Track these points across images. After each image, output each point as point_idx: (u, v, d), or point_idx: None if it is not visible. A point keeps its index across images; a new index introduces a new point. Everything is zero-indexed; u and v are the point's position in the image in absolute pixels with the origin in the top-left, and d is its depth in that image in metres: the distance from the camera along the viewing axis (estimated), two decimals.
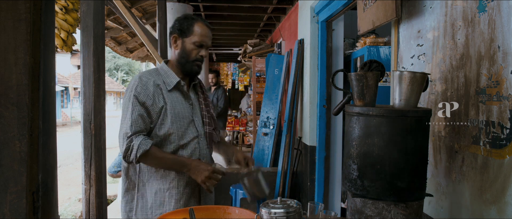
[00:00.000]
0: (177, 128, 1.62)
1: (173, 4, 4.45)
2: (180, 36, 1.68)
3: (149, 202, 1.62)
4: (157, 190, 1.62)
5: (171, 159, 1.58)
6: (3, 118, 0.64)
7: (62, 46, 2.68)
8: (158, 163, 1.58)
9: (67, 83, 21.04)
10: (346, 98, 1.40)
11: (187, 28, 1.65)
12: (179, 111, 1.64)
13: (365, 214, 1.20)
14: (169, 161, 1.58)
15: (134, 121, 1.54)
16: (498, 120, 1.20)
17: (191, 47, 1.66)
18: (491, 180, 1.23)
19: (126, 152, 1.52)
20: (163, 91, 1.62)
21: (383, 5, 1.82)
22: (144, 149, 1.50)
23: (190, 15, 1.71)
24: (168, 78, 1.66)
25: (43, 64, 0.68)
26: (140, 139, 1.51)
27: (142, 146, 1.50)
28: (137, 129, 1.53)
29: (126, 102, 1.59)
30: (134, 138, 1.51)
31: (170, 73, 1.68)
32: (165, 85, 1.64)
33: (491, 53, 1.24)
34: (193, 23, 1.66)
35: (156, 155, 1.54)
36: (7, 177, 0.63)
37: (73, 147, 10.52)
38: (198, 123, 1.71)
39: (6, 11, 0.63)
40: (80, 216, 4.79)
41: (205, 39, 1.67)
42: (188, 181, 1.65)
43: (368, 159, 1.18)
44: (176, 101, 1.65)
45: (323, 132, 3.37)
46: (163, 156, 1.56)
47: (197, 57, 1.68)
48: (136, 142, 1.50)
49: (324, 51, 3.36)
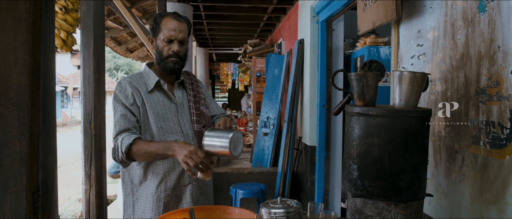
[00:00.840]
0: (158, 129, 1.59)
1: (173, 4, 4.45)
2: (153, 36, 1.66)
3: (142, 207, 1.62)
4: (147, 195, 1.61)
5: (156, 145, 1.50)
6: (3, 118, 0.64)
7: (62, 46, 2.68)
8: (145, 153, 1.50)
9: (67, 83, 21.03)
10: (346, 98, 1.40)
11: (156, 27, 1.63)
12: (160, 111, 1.61)
13: (365, 214, 1.20)
14: (154, 148, 1.49)
15: (117, 122, 1.55)
16: (498, 120, 1.20)
17: (161, 44, 1.62)
18: (491, 180, 1.23)
19: (114, 153, 1.52)
20: (142, 93, 1.60)
21: (383, 5, 1.82)
22: (127, 143, 1.48)
23: (160, 13, 1.67)
24: (148, 79, 1.65)
25: (43, 64, 0.68)
26: (123, 136, 1.50)
27: (125, 141, 1.48)
28: (120, 128, 1.53)
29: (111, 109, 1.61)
30: (119, 137, 1.51)
31: (151, 74, 1.66)
32: (146, 86, 1.63)
33: (491, 53, 1.24)
34: (161, 19, 1.62)
35: (141, 146, 1.49)
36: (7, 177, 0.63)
37: (73, 147, 10.52)
38: (184, 122, 1.67)
39: (6, 11, 0.63)
40: (80, 216, 4.79)
41: (173, 33, 1.60)
42: (176, 184, 1.62)
43: (368, 159, 1.18)
44: (157, 102, 1.62)
45: (323, 132, 3.37)
46: (148, 145, 1.50)
47: (169, 53, 1.61)
48: (120, 140, 1.50)
49: (324, 51, 3.36)
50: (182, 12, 4.47)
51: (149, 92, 1.62)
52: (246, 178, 3.87)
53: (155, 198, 1.60)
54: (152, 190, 1.60)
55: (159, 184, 1.60)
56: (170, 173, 1.62)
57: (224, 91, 18.24)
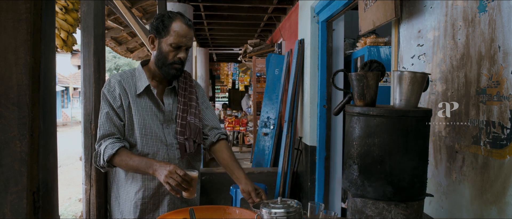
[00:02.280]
0: (141, 136, 1.52)
1: (173, 4, 4.45)
2: (156, 36, 1.52)
3: (121, 207, 1.60)
4: (126, 198, 1.58)
5: (138, 161, 1.45)
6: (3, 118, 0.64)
7: (62, 46, 2.68)
8: (126, 166, 1.47)
9: (68, 83, 21.04)
10: (347, 98, 1.39)
11: (163, 28, 1.49)
12: (145, 118, 1.54)
13: (365, 214, 1.20)
14: (136, 163, 1.44)
15: (102, 125, 1.49)
16: (499, 120, 1.20)
17: (167, 49, 1.50)
18: (492, 180, 1.23)
19: (95, 158, 1.48)
20: (130, 95, 1.53)
21: (383, 5, 1.82)
22: (109, 153, 1.43)
23: (168, 13, 1.53)
24: (139, 81, 1.55)
25: (44, 64, 0.68)
26: (107, 143, 1.45)
27: (108, 150, 1.44)
28: (105, 132, 1.49)
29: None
30: (103, 142, 1.47)
31: (142, 75, 1.56)
32: (135, 88, 1.55)
33: (491, 53, 1.24)
34: (171, 22, 1.49)
35: (123, 158, 1.45)
36: (7, 177, 0.63)
37: (74, 147, 10.53)
38: (169, 131, 1.59)
39: (7, 11, 0.63)
40: (80, 216, 4.79)
41: (183, 39, 1.50)
42: (155, 193, 1.57)
43: (369, 159, 1.18)
44: (143, 108, 1.54)
45: (324, 132, 3.37)
46: (130, 158, 1.45)
47: (174, 60, 1.51)
48: (103, 147, 1.45)
49: (324, 51, 3.36)
50: (182, 12, 4.46)
51: (137, 96, 1.54)
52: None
53: (132, 203, 1.56)
54: (131, 195, 1.56)
55: (137, 191, 1.56)
56: (149, 183, 1.56)
57: (224, 91, 18.24)
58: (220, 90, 18.25)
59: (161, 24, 1.50)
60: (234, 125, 8.25)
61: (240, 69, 10.83)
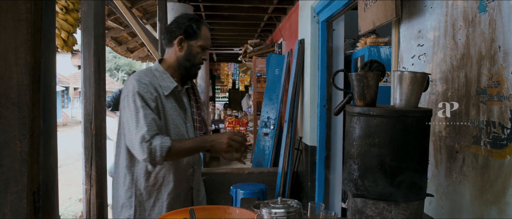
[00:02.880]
0: (174, 135, 1.58)
1: (173, 4, 4.45)
2: (186, 38, 1.62)
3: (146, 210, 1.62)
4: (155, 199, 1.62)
5: (191, 143, 1.56)
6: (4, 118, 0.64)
7: (63, 46, 2.68)
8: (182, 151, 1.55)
9: (68, 83, 21.04)
10: (347, 98, 1.39)
11: (194, 31, 1.61)
12: (174, 118, 1.60)
13: (365, 214, 1.19)
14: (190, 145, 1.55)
15: (150, 124, 1.50)
16: (499, 120, 1.20)
17: (197, 51, 1.63)
18: (492, 180, 1.23)
19: (151, 155, 1.48)
20: (160, 96, 1.57)
21: (383, 5, 1.82)
22: (167, 146, 1.48)
23: (194, 17, 1.66)
24: (164, 81, 1.60)
25: (44, 64, 0.68)
26: (160, 139, 1.49)
27: (165, 144, 1.48)
28: (153, 132, 1.50)
29: (130, 106, 1.52)
30: (153, 141, 1.48)
31: (166, 76, 1.61)
32: (161, 89, 1.58)
33: (491, 53, 1.24)
34: (200, 26, 1.63)
35: (177, 147, 1.52)
36: (8, 177, 0.63)
37: (74, 147, 10.52)
38: (190, 129, 1.68)
39: (7, 11, 0.63)
40: (80, 216, 4.79)
41: (208, 42, 1.66)
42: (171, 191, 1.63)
43: (369, 159, 1.18)
44: (171, 108, 1.60)
45: (324, 132, 3.37)
46: (183, 145, 1.55)
47: (199, 60, 1.66)
48: (158, 143, 1.48)
49: (324, 51, 3.36)
50: (182, 12, 4.47)
51: (166, 96, 1.59)
52: (246, 178, 3.86)
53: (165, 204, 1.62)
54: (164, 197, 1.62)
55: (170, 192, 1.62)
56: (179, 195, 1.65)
57: (224, 91, 18.23)
58: (220, 90, 18.24)
59: (192, 27, 1.61)
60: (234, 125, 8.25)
61: (240, 69, 10.83)
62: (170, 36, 1.64)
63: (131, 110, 1.51)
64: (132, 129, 1.50)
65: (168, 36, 1.64)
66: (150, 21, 5.49)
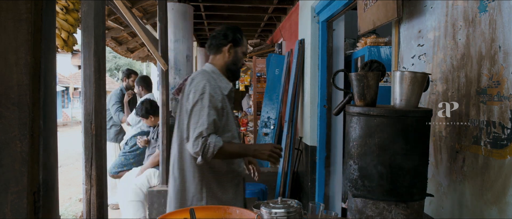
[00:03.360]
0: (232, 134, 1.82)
1: (173, 4, 4.45)
2: (234, 46, 1.88)
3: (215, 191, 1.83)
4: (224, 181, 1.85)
5: (238, 147, 1.82)
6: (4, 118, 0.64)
7: (63, 46, 2.68)
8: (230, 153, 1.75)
9: (68, 83, 21.04)
10: (347, 98, 1.39)
11: (240, 39, 1.89)
12: (230, 115, 1.82)
13: (365, 214, 1.19)
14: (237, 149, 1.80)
15: (210, 124, 1.68)
16: (499, 120, 1.20)
17: (241, 56, 1.91)
18: (492, 180, 1.23)
19: (204, 150, 1.66)
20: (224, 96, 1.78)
21: (384, 5, 1.82)
22: (219, 146, 1.67)
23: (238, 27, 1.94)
24: (221, 82, 1.82)
25: (44, 64, 0.68)
26: (215, 138, 1.67)
27: (218, 143, 1.67)
28: (211, 131, 1.68)
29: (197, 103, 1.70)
30: (209, 138, 1.66)
31: (222, 78, 1.85)
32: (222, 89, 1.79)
33: (492, 53, 1.24)
34: (243, 35, 1.92)
35: (227, 148, 1.72)
36: (8, 177, 0.63)
37: (74, 147, 10.52)
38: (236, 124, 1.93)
39: (7, 11, 0.63)
40: (80, 216, 4.79)
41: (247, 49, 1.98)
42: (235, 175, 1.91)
43: (369, 159, 1.18)
44: (229, 107, 1.83)
45: (324, 132, 3.37)
46: (232, 148, 1.77)
47: (241, 64, 1.93)
48: (212, 141, 1.66)
49: (324, 51, 3.36)
50: (183, 12, 4.47)
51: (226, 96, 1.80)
52: (246, 178, 3.85)
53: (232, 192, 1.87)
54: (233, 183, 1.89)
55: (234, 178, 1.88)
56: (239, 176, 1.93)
57: None
58: None
59: (238, 36, 1.90)
60: None
61: None
62: (220, 44, 1.88)
63: (197, 106, 1.70)
64: (193, 123, 1.68)
65: (217, 44, 1.89)
66: (150, 21, 5.49)
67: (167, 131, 3.39)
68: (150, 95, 4.31)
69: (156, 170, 3.50)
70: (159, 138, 3.41)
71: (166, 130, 3.38)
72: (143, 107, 3.64)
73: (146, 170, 3.51)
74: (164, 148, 3.36)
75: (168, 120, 3.45)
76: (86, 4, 1.93)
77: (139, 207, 3.39)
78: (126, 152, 3.98)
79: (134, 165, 3.88)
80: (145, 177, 3.45)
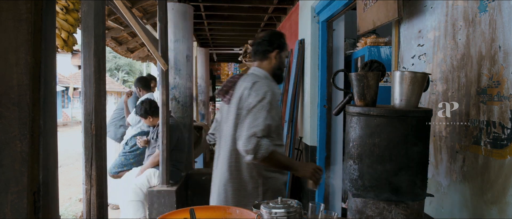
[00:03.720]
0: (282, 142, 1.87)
1: (173, 4, 4.45)
2: (279, 51, 1.91)
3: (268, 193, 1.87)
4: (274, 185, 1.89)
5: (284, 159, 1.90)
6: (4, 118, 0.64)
7: (63, 46, 2.68)
8: (276, 161, 1.78)
9: (68, 83, 21.04)
10: (347, 98, 1.40)
11: (284, 44, 1.93)
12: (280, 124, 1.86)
13: (365, 214, 1.19)
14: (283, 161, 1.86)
15: (266, 127, 1.70)
16: (499, 120, 1.20)
17: (284, 60, 1.96)
18: (492, 180, 1.23)
19: (255, 149, 1.67)
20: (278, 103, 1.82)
21: (384, 5, 1.82)
22: (270, 150, 1.69)
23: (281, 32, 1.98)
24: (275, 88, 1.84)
25: (44, 64, 0.68)
26: (267, 141, 1.70)
27: (270, 148, 1.69)
28: (264, 134, 1.70)
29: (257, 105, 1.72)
30: (262, 140, 1.68)
31: (274, 83, 1.89)
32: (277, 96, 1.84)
33: (492, 53, 1.24)
34: (286, 39, 1.95)
35: (276, 155, 1.75)
36: (8, 177, 0.63)
37: (74, 147, 10.52)
38: None
39: (7, 11, 0.63)
40: (80, 216, 4.79)
41: None
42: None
43: (369, 159, 1.18)
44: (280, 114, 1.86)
45: (324, 132, 3.37)
46: (280, 157, 1.82)
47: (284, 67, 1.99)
48: (265, 142, 1.68)
49: (324, 51, 3.36)
50: (183, 12, 4.47)
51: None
52: None
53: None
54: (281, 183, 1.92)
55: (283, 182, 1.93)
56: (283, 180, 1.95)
57: None
58: None
59: (283, 41, 1.93)
60: None
61: (240, 69, 10.82)
62: (266, 50, 1.91)
63: (257, 107, 1.72)
64: (248, 122, 1.70)
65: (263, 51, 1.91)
66: (150, 21, 5.49)
67: (167, 131, 3.39)
68: (149, 95, 4.30)
69: (156, 170, 3.50)
70: (159, 138, 3.41)
71: (166, 130, 3.38)
72: (143, 107, 3.64)
73: (146, 170, 3.51)
74: (164, 148, 3.36)
75: (168, 120, 3.45)
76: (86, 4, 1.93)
77: (139, 207, 3.40)
78: (126, 152, 3.98)
79: (134, 165, 3.87)
80: (145, 177, 3.46)
